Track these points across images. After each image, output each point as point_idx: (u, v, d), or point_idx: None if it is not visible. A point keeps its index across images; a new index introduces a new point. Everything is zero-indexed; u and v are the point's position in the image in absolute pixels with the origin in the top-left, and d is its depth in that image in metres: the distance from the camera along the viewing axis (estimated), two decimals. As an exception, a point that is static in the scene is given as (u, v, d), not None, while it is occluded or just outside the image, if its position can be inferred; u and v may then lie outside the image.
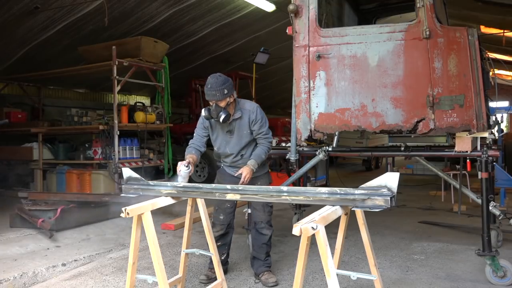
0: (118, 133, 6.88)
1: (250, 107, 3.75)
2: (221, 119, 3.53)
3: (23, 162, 8.13)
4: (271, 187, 2.72)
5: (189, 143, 3.78)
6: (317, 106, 3.94)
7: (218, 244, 3.69)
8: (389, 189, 2.23)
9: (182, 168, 3.24)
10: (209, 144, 3.86)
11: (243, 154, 3.78)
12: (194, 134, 3.82)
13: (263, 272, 3.83)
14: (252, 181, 3.68)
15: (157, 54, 7.61)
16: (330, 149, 4.44)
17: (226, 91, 3.51)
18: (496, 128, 4.22)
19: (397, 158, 10.51)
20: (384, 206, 2.23)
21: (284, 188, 2.58)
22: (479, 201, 3.83)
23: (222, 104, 3.53)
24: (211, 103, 3.58)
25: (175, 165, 3.48)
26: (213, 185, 2.87)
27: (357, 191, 2.30)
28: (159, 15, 8.13)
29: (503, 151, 7.91)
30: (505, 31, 8.70)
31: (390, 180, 2.24)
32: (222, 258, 3.81)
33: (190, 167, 3.30)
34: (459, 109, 3.53)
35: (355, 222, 2.69)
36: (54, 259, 4.44)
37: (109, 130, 6.98)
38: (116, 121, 6.86)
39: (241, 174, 3.60)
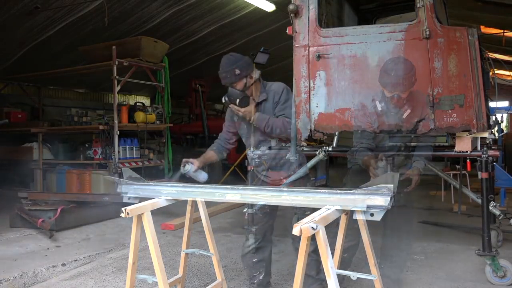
0: (118, 133, 6.88)
1: (277, 87, 3.33)
2: (236, 103, 3.14)
3: (23, 162, 8.14)
4: (270, 187, 2.72)
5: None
6: (317, 106, 3.93)
7: (254, 260, 3.34)
8: (389, 189, 2.23)
9: (181, 169, 3.19)
10: (208, 144, 3.75)
11: (271, 146, 3.31)
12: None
13: None
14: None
15: (157, 54, 7.62)
16: (330, 149, 4.43)
17: (238, 71, 3.11)
18: (496, 128, 4.22)
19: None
20: (384, 206, 2.23)
21: (284, 188, 2.57)
22: (479, 201, 3.82)
23: (239, 86, 3.15)
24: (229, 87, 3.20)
25: (175, 165, 3.52)
26: (213, 185, 2.86)
27: (357, 191, 2.30)
28: (159, 15, 8.13)
29: (503, 151, 7.90)
30: (505, 31, 8.69)
31: (390, 180, 2.24)
32: (261, 277, 3.35)
33: (188, 167, 3.19)
34: (459, 109, 3.52)
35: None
36: (54, 259, 4.44)
37: (109, 130, 6.99)
38: (116, 121, 6.86)
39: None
